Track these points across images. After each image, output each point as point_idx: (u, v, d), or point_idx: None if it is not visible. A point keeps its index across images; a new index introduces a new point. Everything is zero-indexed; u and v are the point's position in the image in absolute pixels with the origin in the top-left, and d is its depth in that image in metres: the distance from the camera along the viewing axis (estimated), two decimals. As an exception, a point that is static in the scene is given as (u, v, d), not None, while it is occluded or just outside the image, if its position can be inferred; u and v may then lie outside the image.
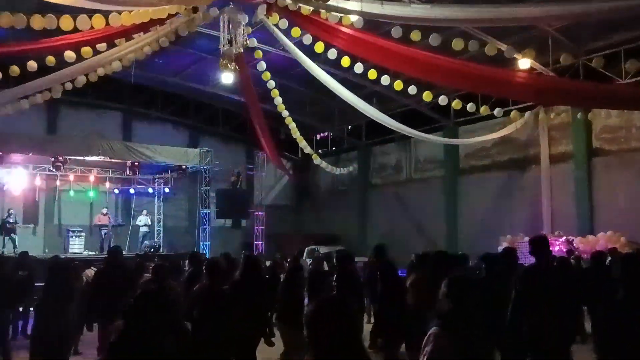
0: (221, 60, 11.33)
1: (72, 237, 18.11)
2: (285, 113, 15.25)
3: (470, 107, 12.65)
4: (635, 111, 15.10)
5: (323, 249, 20.00)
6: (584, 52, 15.01)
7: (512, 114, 13.93)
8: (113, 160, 17.66)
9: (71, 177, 19.44)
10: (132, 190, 21.23)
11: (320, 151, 27.82)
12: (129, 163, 17.89)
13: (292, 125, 16.02)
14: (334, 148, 26.46)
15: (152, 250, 18.59)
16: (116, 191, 21.01)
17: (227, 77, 17.11)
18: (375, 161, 24.79)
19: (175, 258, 14.24)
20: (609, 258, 9.78)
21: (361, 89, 17.17)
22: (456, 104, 12.11)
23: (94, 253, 17.76)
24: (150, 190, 21.53)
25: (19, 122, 16.30)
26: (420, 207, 21.56)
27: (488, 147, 19.67)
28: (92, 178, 19.89)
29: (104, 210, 18.73)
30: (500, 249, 16.44)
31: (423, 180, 22.22)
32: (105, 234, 18.31)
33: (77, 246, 18.01)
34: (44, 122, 21.31)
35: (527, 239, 16.34)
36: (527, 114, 16.99)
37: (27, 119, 17.43)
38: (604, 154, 16.17)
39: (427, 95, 11.94)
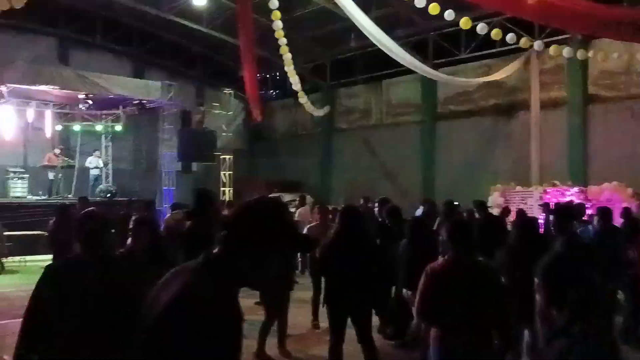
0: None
1: (13, 179, 15.41)
2: (283, 41, 13.31)
3: (510, 38, 11.44)
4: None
5: (286, 197, 18.68)
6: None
7: (552, 48, 12.80)
8: (64, 91, 14.99)
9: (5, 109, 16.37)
10: (76, 128, 18.41)
11: (278, 91, 25.98)
12: (81, 95, 15.18)
13: (288, 57, 14.12)
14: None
15: (108, 195, 16.36)
16: (59, 128, 18.04)
17: (200, -1, 14.95)
18: (340, 104, 23.37)
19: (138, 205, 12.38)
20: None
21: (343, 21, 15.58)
22: (496, 34, 10.86)
23: (38, 198, 15.38)
24: (98, 127, 18.79)
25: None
26: (392, 153, 20.57)
27: (470, 91, 18.84)
28: (30, 112, 16.95)
29: (57, 150, 16.07)
30: (490, 199, 16.09)
31: (395, 125, 21.15)
32: (54, 176, 15.70)
33: (19, 190, 15.40)
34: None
35: (519, 188, 16.07)
36: (518, 60, 16.31)
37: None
38: (600, 101, 15.78)
39: (465, 22, 10.56)
